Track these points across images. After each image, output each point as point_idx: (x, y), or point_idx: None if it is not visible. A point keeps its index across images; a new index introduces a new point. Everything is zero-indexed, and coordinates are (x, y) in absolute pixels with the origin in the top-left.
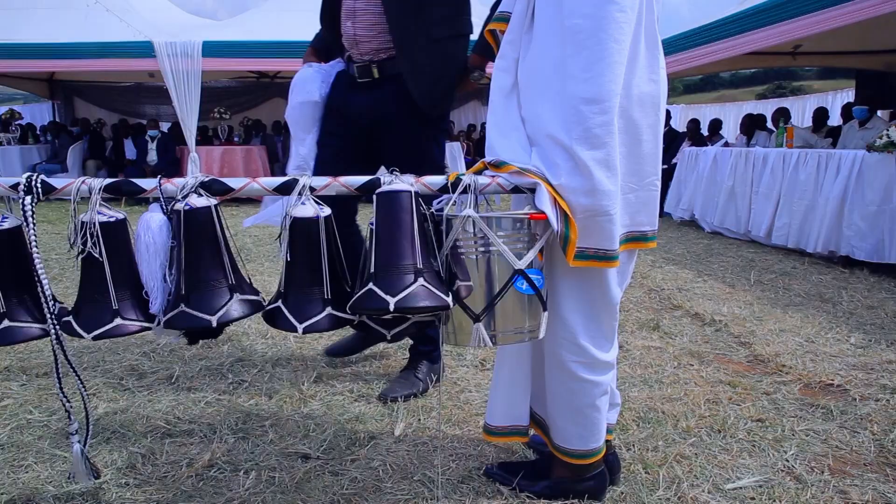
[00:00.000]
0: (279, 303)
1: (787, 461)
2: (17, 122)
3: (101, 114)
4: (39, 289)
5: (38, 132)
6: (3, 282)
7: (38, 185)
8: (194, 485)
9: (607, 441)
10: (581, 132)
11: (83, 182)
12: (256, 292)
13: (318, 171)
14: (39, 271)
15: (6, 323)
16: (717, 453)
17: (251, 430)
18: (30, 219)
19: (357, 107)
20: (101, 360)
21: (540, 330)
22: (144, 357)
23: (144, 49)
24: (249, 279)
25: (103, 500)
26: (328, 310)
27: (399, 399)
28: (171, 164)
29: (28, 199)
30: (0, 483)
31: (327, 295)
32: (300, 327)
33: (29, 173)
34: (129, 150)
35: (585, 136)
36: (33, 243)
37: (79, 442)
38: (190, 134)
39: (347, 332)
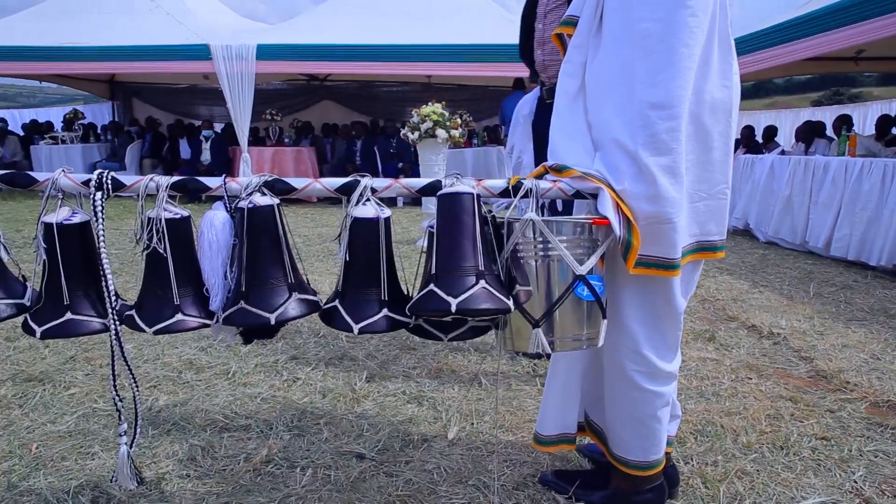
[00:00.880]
0: (336, 302)
1: (856, 482)
2: (79, 122)
3: (158, 114)
4: (104, 284)
5: (98, 131)
6: (70, 275)
7: (109, 182)
8: (252, 479)
9: (666, 453)
10: (646, 137)
11: (151, 179)
12: (314, 292)
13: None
14: (105, 267)
15: (68, 315)
16: (780, 471)
17: (306, 428)
18: (99, 214)
19: (540, 120)
20: (161, 353)
21: (599, 338)
22: (202, 352)
23: (201, 52)
24: (307, 279)
25: (166, 491)
26: (384, 311)
27: None
28: (224, 164)
29: (98, 195)
30: (69, 469)
31: (384, 296)
32: (356, 327)
33: (100, 170)
34: (184, 150)
35: (651, 141)
36: (101, 239)
37: (126, 444)
38: (243, 135)
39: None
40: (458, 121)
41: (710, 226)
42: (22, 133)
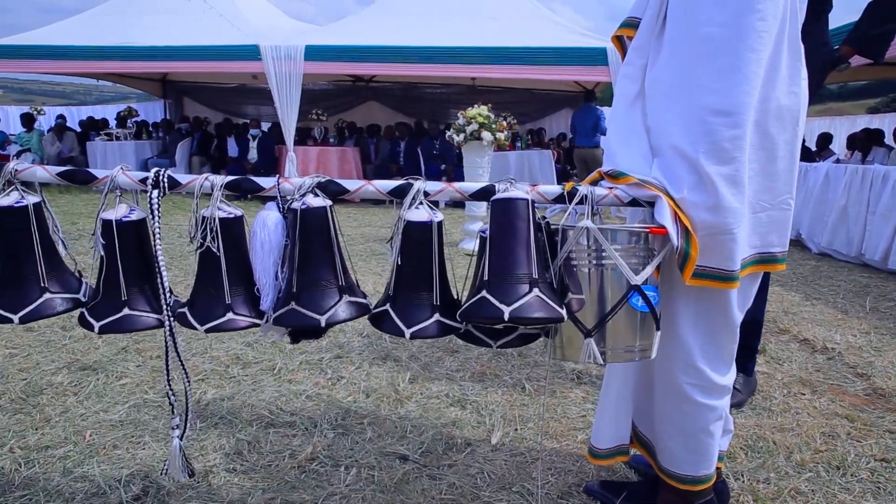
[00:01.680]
0: (387, 306)
1: None
2: (133, 119)
3: (207, 112)
4: (159, 281)
5: (150, 129)
6: (127, 271)
7: (165, 180)
8: (297, 476)
9: (717, 468)
10: (708, 145)
11: (206, 178)
12: (364, 295)
13: None
14: (161, 264)
15: (126, 311)
16: (837, 492)
17: (350, 427)
18: (156, 212)
19: None
20: (209, 347)
21: (652, 349)
22: (248, 347)
23: (251, 52)
24: (357, 281)
25: (213, 484)
26: (436, 316)
27: None
28: (271, 163)
29: (155, 192)
30: (120, 457)
31: (436, 301)
32: (407, 332)
33: (156, 168)
34: (231, 148)
35: (712, 149)
36: (157, 236)
37: (178, 437)
38: (289, 134)
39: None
40: (504, 123)
41: (772, 237)
42: (79, 129)
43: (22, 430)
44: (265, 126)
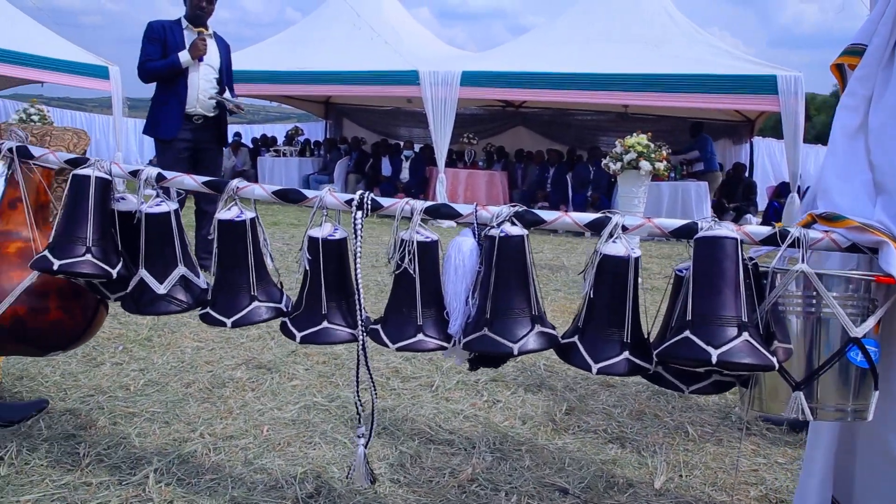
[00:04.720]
0: (575, 338)
1: None
2: (299, 138)
3: (364, 133)
4: (357, 297)
5: (311, 147)
6: (328, 287)
7: (368, 203)
8: (457, 496)
9: None
10: None
11: (406, 203)
12: (552, 326)
13: None
14: (359, 281)
15: (325, 324)
16: None
17: (508, 452)
18: (359, 232)
19: None
20: (370, 359)
21: (868, 411)
22: (407, 362)
23: (409, 77)
24: (544, 311)
25: (380, 492)
26: (625, 353)
27: None
28: (421, 183)
29: (359, 214)
30: (293, 455)
31: (627, 338)
32: (595, 367)
33: (361, 191)
34: (385, 168)
35: None
36: (357, 254)
37: (363, 445)
38: (441, 156)
39: None
40: (664, 153)
41: None
42: (251, 146)
43: (209, 419)
44: (417, 147)
